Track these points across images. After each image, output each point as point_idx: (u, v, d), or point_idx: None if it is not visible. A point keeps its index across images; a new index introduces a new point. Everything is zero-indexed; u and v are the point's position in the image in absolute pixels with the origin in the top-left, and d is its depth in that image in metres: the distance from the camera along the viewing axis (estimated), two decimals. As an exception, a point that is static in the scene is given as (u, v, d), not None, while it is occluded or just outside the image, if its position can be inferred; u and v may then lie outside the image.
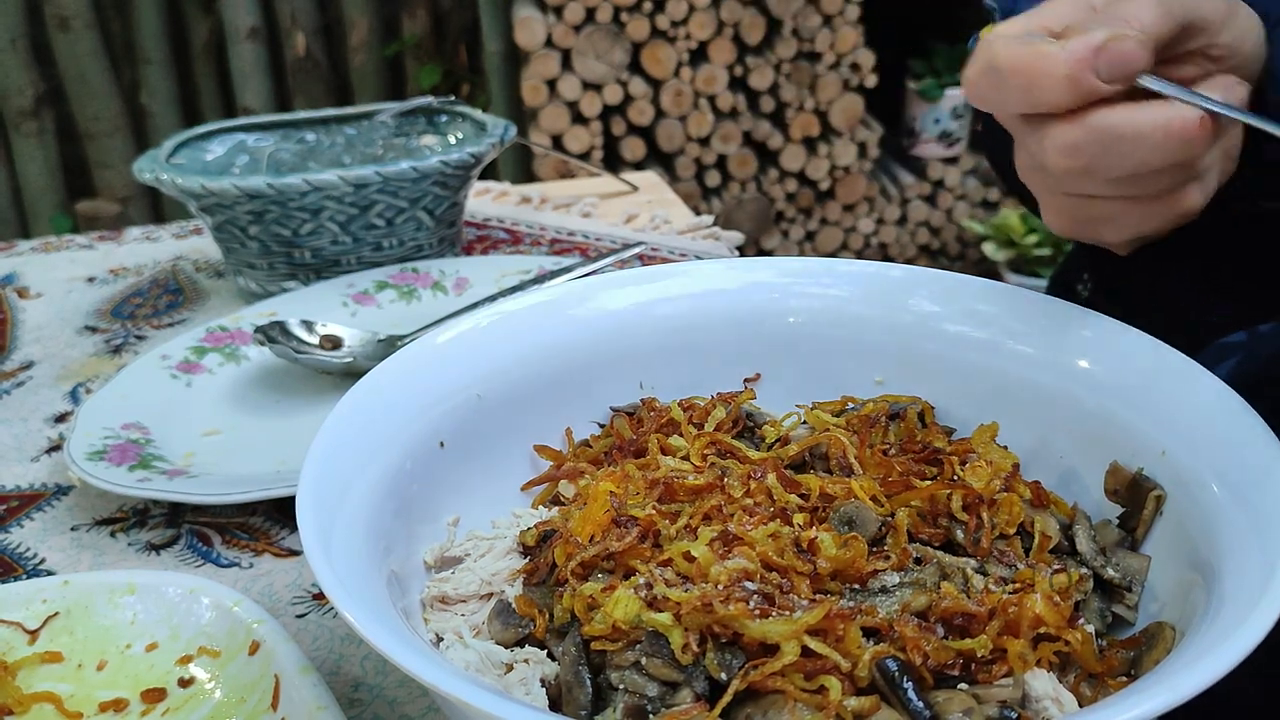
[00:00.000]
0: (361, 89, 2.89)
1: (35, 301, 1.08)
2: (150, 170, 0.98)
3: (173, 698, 0.54)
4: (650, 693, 0.44)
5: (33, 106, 2.71)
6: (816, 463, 0.57)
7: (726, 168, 2.75)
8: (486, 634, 0.50)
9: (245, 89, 2.82)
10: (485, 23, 2.71)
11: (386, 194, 0.97)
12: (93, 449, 0.75)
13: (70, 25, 2.67)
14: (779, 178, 2.81)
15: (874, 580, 0.47)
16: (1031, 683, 0.44)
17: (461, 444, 0.58)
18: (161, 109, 2.81)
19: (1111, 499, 0.54)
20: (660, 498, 0.52)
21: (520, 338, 0.61)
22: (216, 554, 0.70)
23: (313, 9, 2.84)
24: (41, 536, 0.72)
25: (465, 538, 0.56)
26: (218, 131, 1.10)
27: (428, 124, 1.14)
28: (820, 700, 0.42)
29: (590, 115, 2.60)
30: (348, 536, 0.48)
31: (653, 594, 0.45)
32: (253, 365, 0.89)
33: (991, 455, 0.54)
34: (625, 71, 2.60)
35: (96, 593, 0.57)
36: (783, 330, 0.63)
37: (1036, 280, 2.80)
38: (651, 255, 1.08)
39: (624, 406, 0.63)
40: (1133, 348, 0.55)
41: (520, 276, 0.98)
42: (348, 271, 1.01)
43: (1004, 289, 0.61)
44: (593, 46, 2.55)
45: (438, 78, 2.87)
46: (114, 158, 2.79)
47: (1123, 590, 0.50)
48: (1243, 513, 0.46)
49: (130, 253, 1.19)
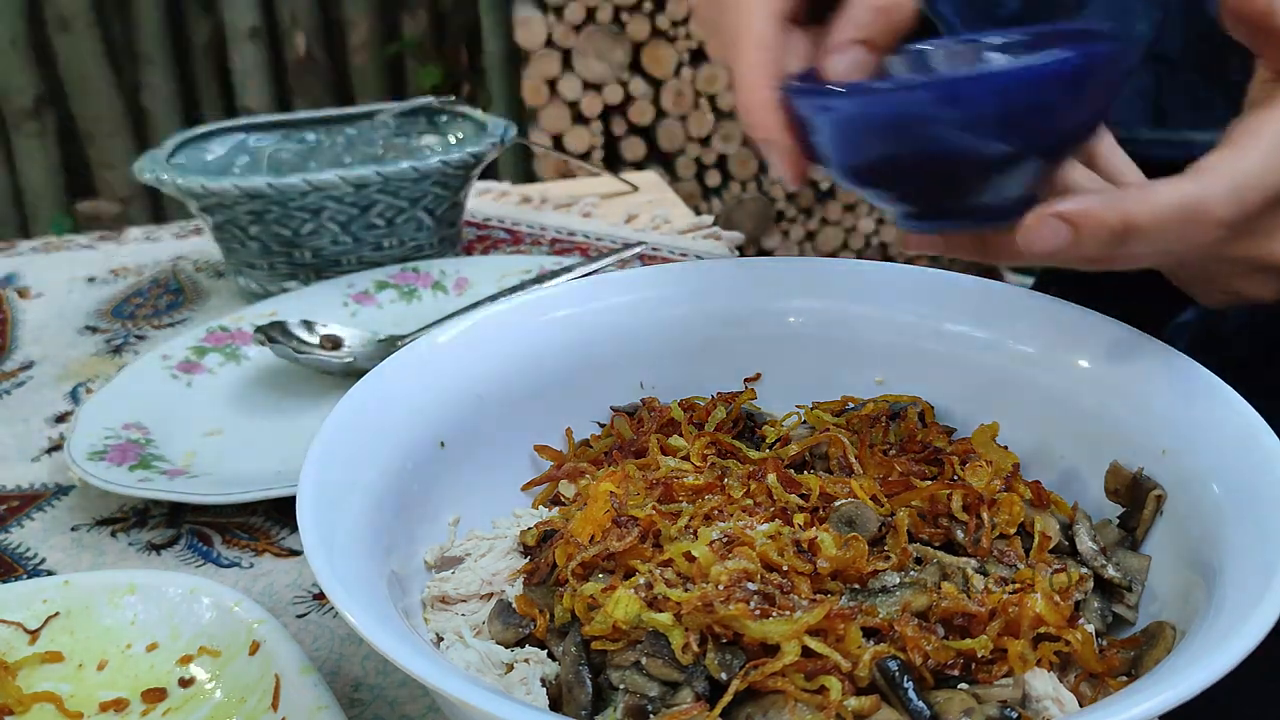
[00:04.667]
0: (362, 89, 2.89)
1: (35, 301, 1.08)
2: (151, 170, 0.98)
3: (173, 698, 0.54)
4: (651, 693, 0.44)
5: (33, 107, 2.71)
6: (817, 463, 0.57)
7: (727, 167, 2.75)
8: (487, 634, 0.50)
9: (245, 89, 2.82)
10: (486, 23, 2.71)
11: (387, 194, 0.97)
12: (93, 449, 0.75)
13: (71, 26, 2.68)
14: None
15: (874, 580, 0.47)
16: (1032, 682, 0.44)
17: (461, 444, 0.58)
18: (162, 109, 2.81)
19: (1112, 499, 0.54)
20: (660, 498, 0.52)
21: (520, 337, 0.61)
22: (217, 554, 0.70)
23: (313, 9, 2.84)
24: (42, 536, 0.72)
25: (466, 537, 0.56)
26: (218, 131, 1.10)
27: (428, 124, 1.14)
28: (820, 700, 0.42)
29: (591, 115, 2.60)
30: (348, 536, 0.48)
31: (653, 594, 0.45)
32: (253, 365, 0.89)
33: (991, 455, 0.54)
34: (626, 71, 2.60)
35: (97, 593, 0.57)
36: (783, 330, 0.63)
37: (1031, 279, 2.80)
38: (652, 255, 1.08)
39: (624, 406, 0.63)
40: (1133, 348, 0.55)
41: (521, 276, 0.98)
42: (348, 271, 1.01)
43: (1004, 289, 0.61)
44: (593, 46, 2.55)
45: (438, 78, 2.87)
46: (114, 158, 2.79)
47: (1123, 590, 0.50)
48: (1243, 513, 0.46)
49: (131, 253, 1.19)
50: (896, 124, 0.47)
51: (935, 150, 0.47)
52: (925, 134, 0.46)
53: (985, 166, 0.48)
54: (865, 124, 0.48)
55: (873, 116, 0.47)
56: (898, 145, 0.47)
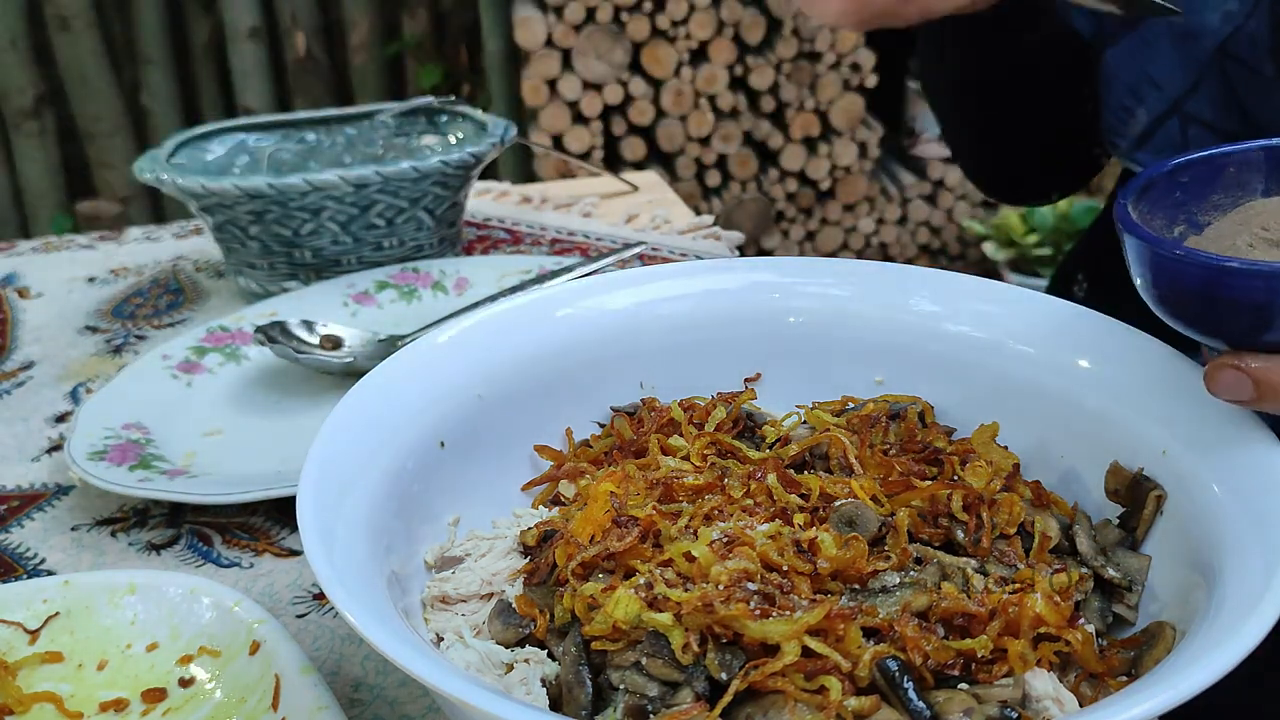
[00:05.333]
0: (362, 89, 2.89)
1: (35, 301, 1.08)
2: (151, 170, 0.98)
3: (173, 698, 0.54)
4: (651, 693, 0.44)
5: (33, 106, 2.71)
6: (817, 463, 0.57)
7: (727, 168, 2.76)
8: (487, 634, 0.50)
9: (245, 89, 2.82)
10: (485, 23, 2.71)
11: (387, 194, 0.97)
12: (93, 449, 0.75)
13: (71, 25, 2.68)
14: (779, 177, 2.81)
15: (874, 580, 0.47)
16: (1032, 682, 0.44)
17: (461, 444, 0.58)
18: (162, 109, 2.81)
19: (1112, 499, 0.54)
20: (660, 498, 0.52)
21: (520, 337, 0.61)
22: (217, 554, 0.70)
23: (313, 9, 2.84)
24: (42, 536, 0.72)
25: (466, 537, 0.56)
26: (218, 131, 1.10)
27: (428, 124, 1.14)
28: (820, 700, 0.42)
29: (590, 115, 2.60)
30: (348, 536, 0.48)
31: (653, 594, 0.45)
32: (253, 365, 0.89)
33: (991, 455, 0.54)
34: (626, 71, 2.60)
35: (97, 593, 0.57)
36: (783, 330, 0.63)
37: (1037, 280, 2.80)
38: (652, 255, 1.08)
39: (624, 406, 0.63)
40: (1133, 348, 0.55)
41: (521, 276, 0.98)
42: (348, 271, 1.01)
43: (1004, 289, 0.61)
44: (593, 46, 2.55)
45: (438, 78, 2.87)
46: (114, 158, 2.79)
47: (1123, 590, 0.50)
48: (1243, 513, 0.46)
49: (131, 253, 1.19)
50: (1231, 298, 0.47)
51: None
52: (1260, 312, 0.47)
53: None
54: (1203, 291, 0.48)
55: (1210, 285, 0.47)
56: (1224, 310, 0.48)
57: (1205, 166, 0.54)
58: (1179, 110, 0.65)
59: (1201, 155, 0.54)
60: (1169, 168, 0.54)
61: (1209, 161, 0.54)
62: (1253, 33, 0.62)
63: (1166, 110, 0.66)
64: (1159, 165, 0.54)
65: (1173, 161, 0.54)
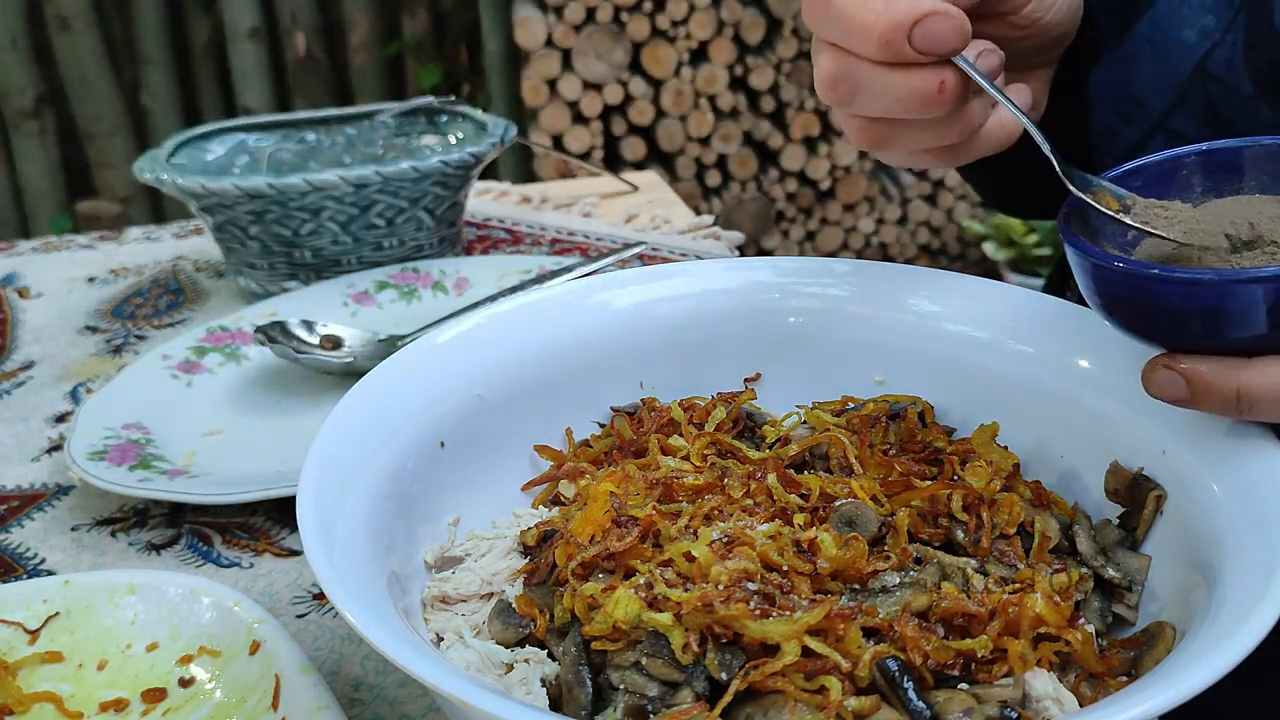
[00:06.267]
0: (362, 89, 2.89)
1: (35, 301, 1.08)
2: (151, 170, 0.98)
3: (173, 698, 0.54)
4: (651, 693, 0.44)
5: (33, 106, 2.72)
6: (817, 463, 0.57)
7: (727, 167, 2.76)
8: (487, 634, 0.50)
9: (245, 89, 2.82)
10: (485, 23, 2.71)
11: (387, 194, 0.97)
12: (93, 449, 0.75)
13: (71, 25, 2.68)
14: (779, 177, 2.81)
15: (874, 580, 0.47)
16: (1032, 682, 0.44)
17: (461, 444, 0.58)
18: (162, 109, 2.81)
19: (1112, 499, 0.54)
20: (660, 498, 0.52)
21: (520, 338, 0.61)
22: (217, 554, 0.70)
23: (313, 9, 2.84)
24: (42, 536, 0.72)
25: (466, 537, 0.56)
26: (218, 131, 1.10)
27: (428, 124, 1.14)
28: (820, 700, 0.42)
29: (590, 115, 2.60)
30: (348, 536, 0.48)
31: (653, 594, 0.45)
32: (253, 365, 0.89)
33: (991, 455, 0.54)
34: (625, 71, 2.60)
35: (97, 593, 0.57)
36: (783, 330, 0.63)
37: (1037, 280, 2.80)
38: (652, 255, 1.08)
39: (624, 406, 0.63)
40: (1132, 348, 0.55)
41: (521, 276, 0.98)
42: (348, 271, 1.01)
43: (1004, 289, 0.61)
44: (593, 46, 2.55)
45: (438, 78, 2.87)
46: (114, 158, 2.79)
47: (1123, 590, 0.50)
48: (1243, 513, 0.46)
49: (131, 253, 1.19)
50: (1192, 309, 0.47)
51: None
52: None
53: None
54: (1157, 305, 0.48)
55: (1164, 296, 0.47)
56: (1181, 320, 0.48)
57: (1157, 169, 0.55)
58: (1164, 128, 0.65)
59: (1154, 159, 0.55)
60: (1120, 172, 0.54)
61: (1160, 165, 0.55)
62: (1229, 52, 0.61)
63: (1151, 127, 0.65)
64: (1112, 170, 0.55)
65: (1124, 166, 0.55)
